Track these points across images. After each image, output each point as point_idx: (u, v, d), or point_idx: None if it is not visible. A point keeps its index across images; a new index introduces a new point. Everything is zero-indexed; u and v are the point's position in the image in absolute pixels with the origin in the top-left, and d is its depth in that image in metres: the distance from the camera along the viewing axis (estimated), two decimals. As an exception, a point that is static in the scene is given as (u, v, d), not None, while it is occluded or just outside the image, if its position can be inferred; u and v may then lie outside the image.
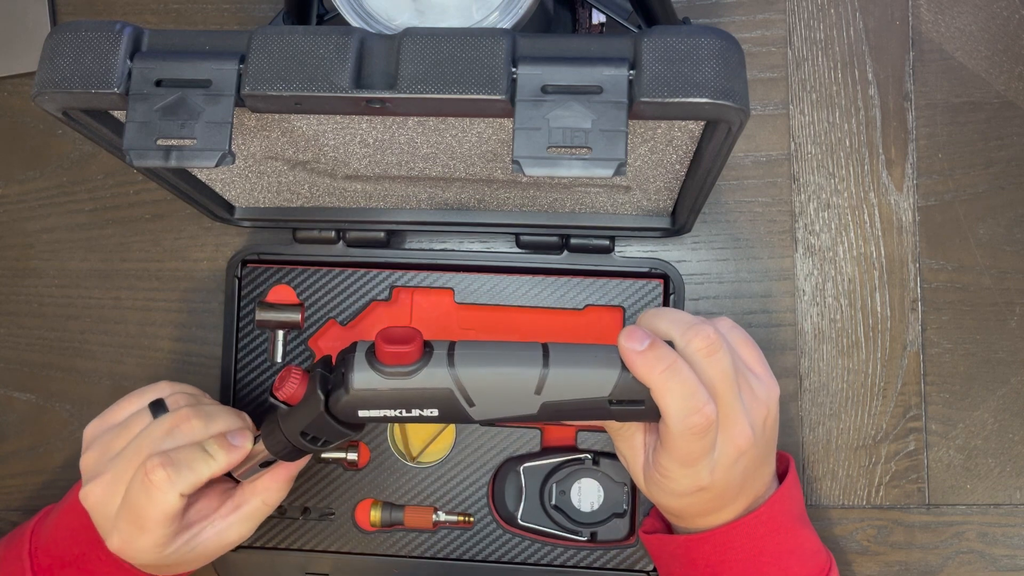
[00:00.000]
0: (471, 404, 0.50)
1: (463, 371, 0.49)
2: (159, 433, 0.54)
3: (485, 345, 0.51)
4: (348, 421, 0.51)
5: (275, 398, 0.53)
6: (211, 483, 0.56)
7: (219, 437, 0.55)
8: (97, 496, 0.54)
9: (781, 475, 0.58)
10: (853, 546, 0.68)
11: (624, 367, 0.50)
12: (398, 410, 0.50)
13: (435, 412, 0.50)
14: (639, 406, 0.50)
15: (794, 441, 0.69)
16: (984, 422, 0.69)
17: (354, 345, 0.51)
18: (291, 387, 0.52)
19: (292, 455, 0.55)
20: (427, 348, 0.50)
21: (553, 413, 0.51)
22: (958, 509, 0.69)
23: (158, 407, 0.56)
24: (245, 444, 0.55)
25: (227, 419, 0.56)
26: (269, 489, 0.57)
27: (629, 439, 0.55)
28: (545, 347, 0.51)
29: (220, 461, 0.54)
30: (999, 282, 0.69)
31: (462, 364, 0.50)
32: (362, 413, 0.50)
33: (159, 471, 0.52)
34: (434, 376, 0.49)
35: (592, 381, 0.50)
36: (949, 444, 0.69)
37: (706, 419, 0.48)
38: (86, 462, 0.56)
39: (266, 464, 0.56)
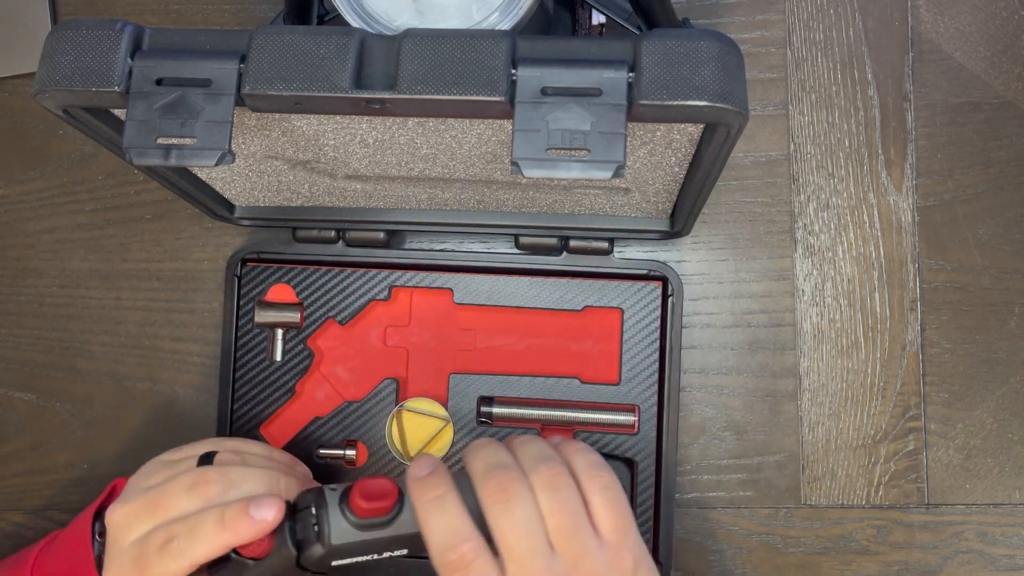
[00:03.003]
0: None
1: None
2: (180, 487, 0.53)
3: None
4: (318, 571, 0.50)
5: (237, 554, 0.51)
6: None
7: (240, 505, 0.50)
8: (117, 520, 0.53)
9: None
10: (852, 546, 0.68)
11: None
12: (370, 555, 0.49)
13: (405, 551, 0.50)
14: None
15: (794, 441, 0.69)
16: (983, 422, 0.69)
17: (321, 492, 0.50)
18: (259, 545, 0.50)
19: None
20: (400, 495, 0.50)
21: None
22: (957, 509, 0.69)
23: (205, 459, 0.55)
24: (266, 515, 0.50)
25: (254, 484, 0.53)
26: None
27: None
28: None
29: (232, 533, 0.50)
30: (998, 282, 0.70)
31: None
32: (335, 563, 0.49)
33: (178, 541, 0.50)
34: (407, 522, 0.49)
35: None
36: (948, 444, 0.69)
37: (461, 557, 0.45)
38: (129, 481, 0.56)
39: None
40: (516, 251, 0.70)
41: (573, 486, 0.47)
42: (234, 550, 0.50)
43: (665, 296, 0.68)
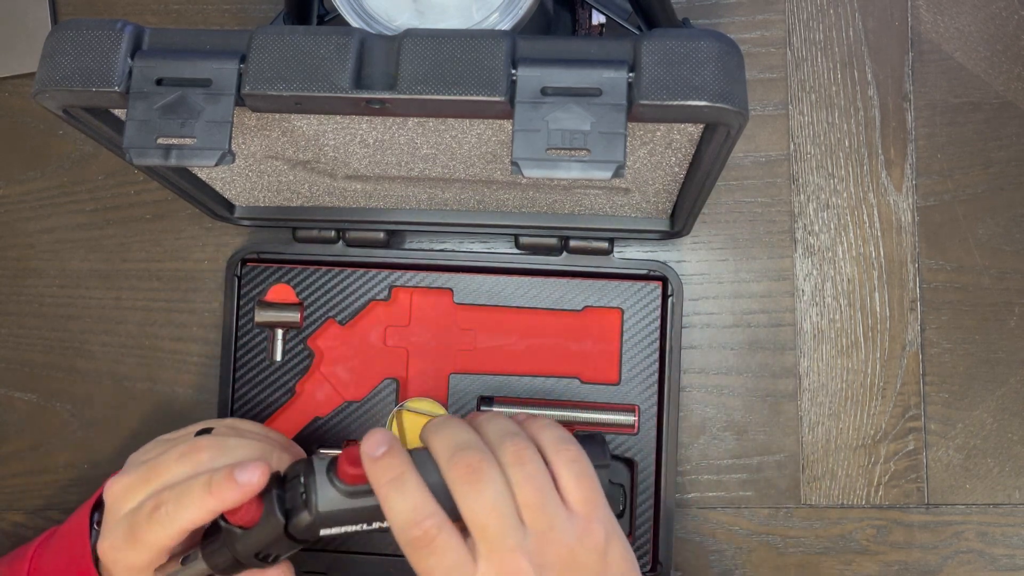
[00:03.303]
0: None
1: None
2: (173, 456, 0.54)
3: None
4: (307, 539, 0.50)
5: (225, 521, 0.51)
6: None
7: (227, 470, 0.50)
8: (115, 491, 0.54)
9: None
10: (852, 546, 0.68)
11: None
12: (359, 524, 0.49)
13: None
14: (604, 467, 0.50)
15: (794, 441, 0.69)
16: (983, 422, 0.69)
17: (309, 462, 0.50)
18: (247, 512, 0.50)
19: (234, 568, 0.53)
20: None
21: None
22: (957, 509, 0.69)
23: (203, 433, 0.56)
24: (250, 478, 0.49)
25: (246, 452, 0.54)
26: None
27: None
28: None
29: (217, 498, 0.50)
30: (998, 282, 0.70)
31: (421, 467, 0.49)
32: (324, 532, 0.49)
33: (166, 507, 0.51)
34: None
35: None
36: (948, 444, 0.69)
37: (424, 534, 0.45)
38: (131, 456, 0.58)
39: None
40: (516, 251, 0.70)
41: (540, 461, 0.47)
42: (223, 518, 0.51)
43: (665, 296, 0.68)
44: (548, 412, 0.66)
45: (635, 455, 0.66)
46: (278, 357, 0.69)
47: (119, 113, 0.51)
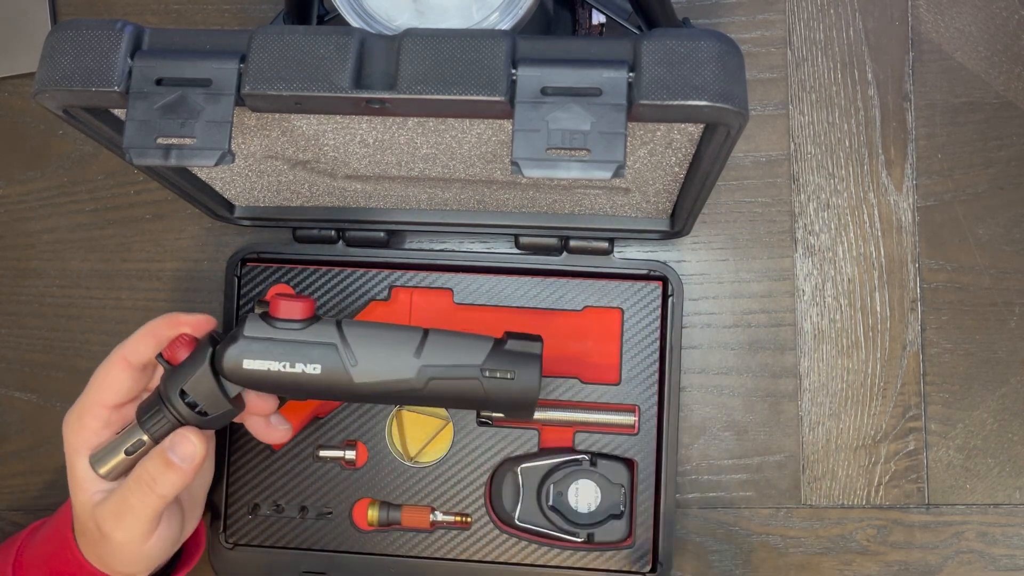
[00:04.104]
0: (354, 363, 0.52)
1: (349, 330, 0.53)
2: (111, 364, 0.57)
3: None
4: (231, 378, 0.52)
5: (163, 359, 0.54)
6: None
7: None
8: (69, 422, 0.56)
9: None
10: (853, 546, 0.68)
11: (497, 341, 0.53)
12: (282, 363, 0.52)
13: (317, 368, 0.52)
14: (509, 379, 0.53)
15: (794, 441, 0.69)
16: (984, 422, 0.69)
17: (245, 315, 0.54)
18: (179, 345, 0.54)
19: (167, 429, 0.54)
20: (317, 314, 0.54)
21: (429, 382, 0.53)
22: (958, 509, 0.69)
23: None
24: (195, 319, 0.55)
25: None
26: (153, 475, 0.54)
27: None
28: (425, 330, 0.54)
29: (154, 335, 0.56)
30: (999, 282, 0.70)
31: (348, 325, 0.53)
32: (247, 363, 0.52)
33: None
34: (322, 331, 0.53)
35: (467, 348, 0.53)
36: (949, 444, 0.69)
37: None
38: None
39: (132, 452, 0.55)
40: (516, 251, 0.70)
41: None
42: (160, 355, 0.54)
43: (665, 296, 0.68)
44: (548, 412, 0.66)
45: (635, 455, 0.66)
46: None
47: (119, 113, 0.51)
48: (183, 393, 0.53)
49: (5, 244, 0.74)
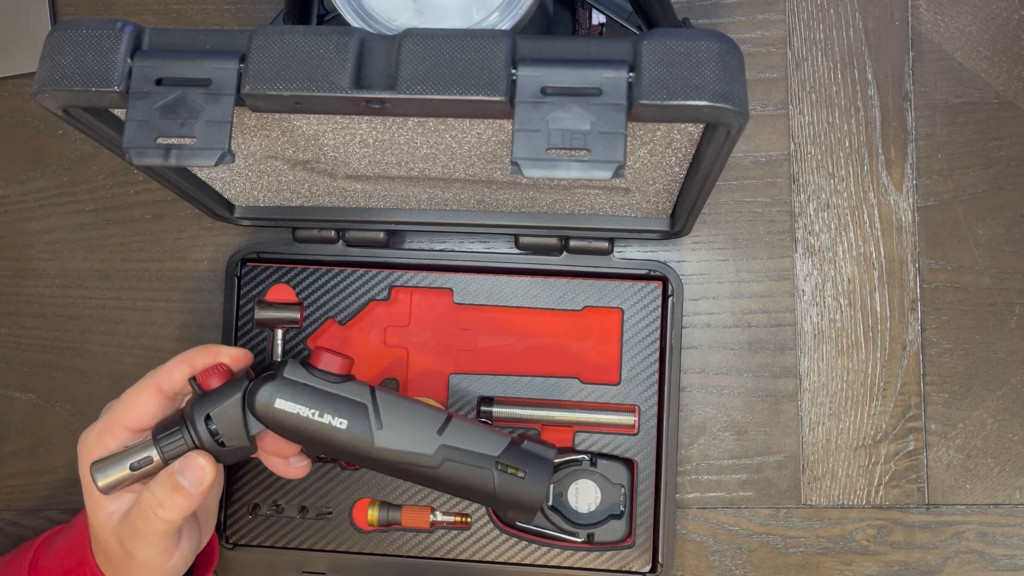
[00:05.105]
0: (379, 427, 0.53)
1: (381, 395, 0.54)
2: (135, 392, 0.57)
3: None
4: (259, 415, 0.52)
5: (195, 383, 0.54)
6: None
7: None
8: (87, 441, 0.56)
9: None
10: (853, 546, 0.68)
11: (513, 439, 0.55)
12: (312, 411, 0.52)
13: (344, 424, 0.53)
14: (520, 477, 0.54)
15: (794, 441, 0.69)
16: (984, 422, 0.69)
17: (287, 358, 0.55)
18: (213, 373, 0.54)
19: (178, 447, 0.54)
20: (352, 374, 0.55)
21: (444, 463, 0.54)
22: (958, 509, 0.69)
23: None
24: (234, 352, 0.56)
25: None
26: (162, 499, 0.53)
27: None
28: (449, 414, 0.56)
29: (188, 364, 0.55)
30: (999, 282, 0.70)
31: (381, 391, 0.54)
32: (279, 403, 0.52)
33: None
34: (355, 390, 0.53)
35: (486, 439, 0.54)
36: (949, 444, 0.69)
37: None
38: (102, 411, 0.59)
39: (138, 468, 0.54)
40: (516, 251, 0.70)
41: None
42: (193, 378, 0.54)
43: (665, 296, 0.68)
44: (548, 412, 0.66)
45: (635, 455, 0.66)
46: (278, 357, 0.68)
47: (119, 113, 0.51)
48: (208, 419, 0.53)
49: (5, 244, 0.74)
